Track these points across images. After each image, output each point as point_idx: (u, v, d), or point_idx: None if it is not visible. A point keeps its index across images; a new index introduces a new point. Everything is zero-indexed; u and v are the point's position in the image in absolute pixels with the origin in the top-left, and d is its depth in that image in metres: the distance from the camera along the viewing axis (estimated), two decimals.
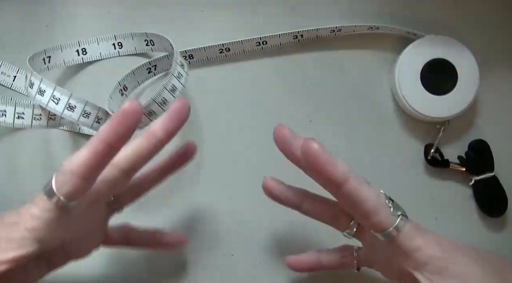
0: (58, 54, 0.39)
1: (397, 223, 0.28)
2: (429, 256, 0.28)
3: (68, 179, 0.27)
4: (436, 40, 0.39)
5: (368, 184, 0.29)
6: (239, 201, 0.40)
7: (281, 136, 0.31)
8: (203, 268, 0.40)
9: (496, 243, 0.40)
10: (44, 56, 0.38)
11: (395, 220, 0.28)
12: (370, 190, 0.28)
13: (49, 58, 0.38)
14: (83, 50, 0.39)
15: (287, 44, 0.40)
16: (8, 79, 0.40)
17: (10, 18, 0.40)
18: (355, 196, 0.28)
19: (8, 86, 0.40)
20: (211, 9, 0.41)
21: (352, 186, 0.28)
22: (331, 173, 0.28)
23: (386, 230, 0.28)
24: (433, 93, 0.39)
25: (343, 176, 0.28)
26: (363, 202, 0.28)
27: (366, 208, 0.28)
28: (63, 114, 0.34)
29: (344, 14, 0.41)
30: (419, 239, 0.29)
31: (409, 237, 0.29)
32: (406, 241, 0.29)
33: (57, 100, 0.33)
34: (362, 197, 0.28)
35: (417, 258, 0.29)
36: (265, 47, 0.40)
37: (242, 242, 0.40)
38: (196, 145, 0.35)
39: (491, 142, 0.40)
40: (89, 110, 0.34)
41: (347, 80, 0.41)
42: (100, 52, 0.40)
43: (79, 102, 0.34)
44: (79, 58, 0.39)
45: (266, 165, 0.41)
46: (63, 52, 0.39)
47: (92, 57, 0.40)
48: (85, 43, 0.39)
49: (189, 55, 0.40)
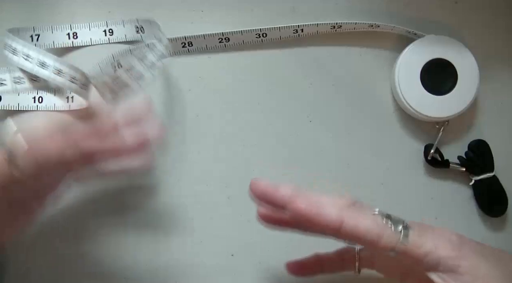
0: (48, 35, 0.39)
1: (401, 239, 0.28)
2: (440, 257, 0.29)
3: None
4: (436, 40, 0.39)
5: (362, 213, 0.29)
6: (238, 201, 0.40)
7: (259, 191, 0.31)
8: (203, 268, 0.40)
9: (496, 243, 0.40)
10: (33, 33, 0.38)
11: (398, 236, 0.29)
12: (366, 220, 0.29)
13: (38, 37, 0.38)
14: (74, 34, 0.39)
15: (287, 38, 0.40)
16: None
17: (10, 18, 0.40)
18: (355, 233, 0.28)
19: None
20: (211, 9, 0.41)
21: (349, 226, 0.28)
22: (325, 223, 0.28)
23: (394, 249, 0.29)
24: (433, 93, 0.39)
25: (337, 220, 0.28)
26: (364, 235, 0.28)
27: (369, 239, 0.29)
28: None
29: (345, 14, 0.41)
30: (428, 243, 0.29)
31: (416, 245, 0.29)
32: (415, 249, 0.29)
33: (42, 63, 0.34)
34: (362, 231, 0.28)
35: (429, 261, 0.29)
36: (264, 39, 0.40)
37: (242, 242, 0.40)
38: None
39: (491, 142, 0.40)
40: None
41: (347, 80, 0.41)
42: (91, 38, 0.40)
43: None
44: (70, 41, 0.39)
45: (265, 164, 0.41)
46: (54, 34, 0.39)
47: (82, 42, 0.39)
48: (76, 28, 0.39)
49: (188, 42, 0.40)
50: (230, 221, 0.40)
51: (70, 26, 0.39)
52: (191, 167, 0.41)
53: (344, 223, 0.28)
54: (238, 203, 0.40)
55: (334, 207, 0.29)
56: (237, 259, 0.40)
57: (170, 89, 0.41)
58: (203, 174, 0.41)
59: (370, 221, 0.29)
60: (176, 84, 0.41)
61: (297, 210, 0.29)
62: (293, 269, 0.36)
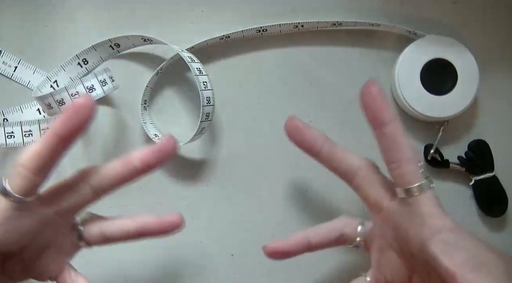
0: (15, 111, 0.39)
1: (423, 183, 0.29)
2: (443, 225, 0.29)
3: (20, 173, 0.27)
4: (436, 40, 0.39)
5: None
6: (239, 201, 0.40)
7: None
8: (203, 268, 0.40)
9: (496, 243, 0.40)
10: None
11: (422, 178, 0.29)
12: (409, 140, 0.30)
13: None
14: (55, 82, 0.39)
15: (287, 31, 0.40)
16: (9, 69, 0.40)
17: (10, 18, 0.40)
18: (396, 138, 0.29)
19: (9, 77, 0.40)
20: (211, 9, 0.41)
21: (396, 128, 0.29)
22: (383, 111, 0.29)
23: (411, 184, 0.29)
24: (433, 93, 0.39)
25: (392, 117, 0.29)
26: (401, 146, 0.29)
27: (401, 153, 0.29)
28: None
29: (345, 14, 0.41)
30: (437, 209, 0.29)
31: (429, 202, 0.29)
32: (425, 205, 0.29)
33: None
34: (403, 142, 0.29)
35: (432, 224, 0.29)
36: (265, 33, 0.40)
37: (242, 242, 0.40)
38: (183, 220, 0.31)
39: (491, 142, 0.40)
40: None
41: (347, 80, 0.41)
42: (70, 77, 0.40)
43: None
44: (48, 86, 0.40)
45: (265, 164, 0.41)
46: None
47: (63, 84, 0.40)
48: (54, 75, 0.39)
49: (192, 46, 0.40)
50: (230, 221, 0.40)
51: (47, 77, 0.40)
52: (191, 166, 0.41)
53: (394, 124, 0.29)
54: (238, 203, 0.40)
55: (395, 114, 0.30)
56: (237, 259, 0.40)
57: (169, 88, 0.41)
58: (201, 175, 0.41)
59: (411, 146, 0.30)
60: (176, 84, 0.41)
61: (371, 93, 0.30)
62: (271, 252, 0.34)
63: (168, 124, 0.41)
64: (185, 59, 0.37)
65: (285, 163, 0.41)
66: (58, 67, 0.39)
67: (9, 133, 0.35)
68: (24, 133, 0.35)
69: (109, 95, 0.40)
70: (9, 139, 0.35)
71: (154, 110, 0.41)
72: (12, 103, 0.40)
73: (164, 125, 0.41)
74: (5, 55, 0.40)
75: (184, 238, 0.40)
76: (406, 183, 0.29)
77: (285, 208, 0.41)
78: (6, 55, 0.40)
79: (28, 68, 0.40)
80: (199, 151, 0.41)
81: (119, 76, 0.39)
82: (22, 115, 0.39)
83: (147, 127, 0.39)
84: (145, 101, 0.40)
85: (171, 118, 0.41)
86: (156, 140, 0.39)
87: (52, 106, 0.35)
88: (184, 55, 0.37)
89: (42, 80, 0.39)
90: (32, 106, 0.40)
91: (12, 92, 0.40)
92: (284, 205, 0.41)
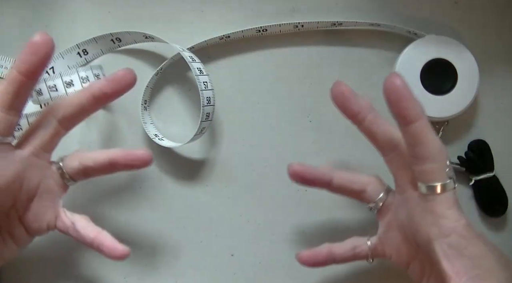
0: None
1: (447, 183, 0.29)
2: (454, 229, 0.29)
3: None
4: (436, 40, 0.39)
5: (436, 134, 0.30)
6: (238, 201, 0.40)
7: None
8: (203, 268, 0.40)
9: (496, 243, 0.40)
10: None
11: (446, 178, 0.29)
12: (437, 138, 0.29)
13: None
14: (52, 69, 0.39)
15: (287, 31, 0.40)
16: (4, 71, 0.40)
17: (10, 18, 0.40)
18: (423, 136, 0.29)
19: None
20: (211, 9, 0.41)
21: (423, 125, 0.29)
22: (408, 108, 0.29)
23: (433, 182, 0.29)
24: (433, 93, 0.39)
25: (418, 115, 0.29)
26: (428, 144, 0.29)
27: (427, 150, 0.29)
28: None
29: (345, 14, 0.41)
30: (453, 210, 0.29)
31: (446, 203, 0.29)
32: (442, 205, 0.29)
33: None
34: (429, 139, 0.29)
35: (443, 225, 0.29)
36: (265, 33, 0.40)
37: (242, 242, 0.40)
38: (150, 156, 0.33)
39: (491, 142, 0.40)
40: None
41: (347, 80, 0.41)
42: (68, 65, 0.40)
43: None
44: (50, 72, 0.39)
45: (264, 164, 0.41)
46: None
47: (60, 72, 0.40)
48: (52, 62, 0.39)
49: (191, 46, 0.40)
50: (230, 221, 0.40)
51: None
52: (191, 166, 0.41)
53: (421, 121, 0.29)
54: (238, 203, 0.40)
55: (423, 109, 0.29)
56: (237, 259, 0.40)
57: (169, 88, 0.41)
58: (202, 174, 0.41)
59: (439, 143, 0.29)
60: (176, 84, 0.41)
61: (395, 86, 0.29)
62: (305, 260, 0.36)
63: (168, 124, 0.41)
64: (186, 58, 0.37)
65: (285, 163, 0.41)
66: (57, 54, 0.39)
67: (52, 87, 0.36)
68: (66, 85, 0.36)
69: None
70: (53, 92, 0.36)
71: (154, 110, 0.41)
72: None
73: (164, 125, 0.41)
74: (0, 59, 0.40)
75: (184, 238, 0.40)
76: (427, 180, 0.29)
77: (285, 208, 0.41)
78: (1, 58, 0.40)
79: None
80: (199, 151, 0.41)
81: None
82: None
83: (147, 127, 0.39)
84: (145, 101, 0.40)
85: (171, 118, 0.41)
86: (157, 140, 0.39)
87: (43, 92, 0.36)
88: (185, 54, 0.37)
89: None
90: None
91: None
92: (284, 205, 0.41)
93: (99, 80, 0.34)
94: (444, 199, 0.29)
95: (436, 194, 0.29)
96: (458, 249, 0.28)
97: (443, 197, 0.29)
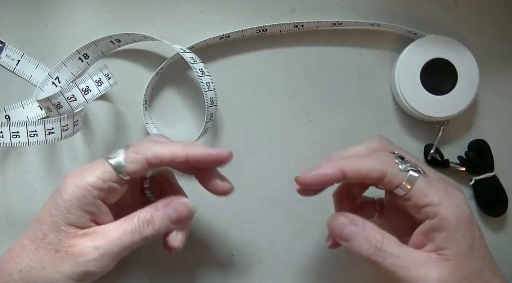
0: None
1: (407, 178, 0.30)
2: (440, 215, 0.29)
3: (141, 162, 0.31)
4: (436, 40, 0.39)
5: (362, 157, 0.31)
6: (239, 201, 0.40)
7: (304, 186, 0.33)
8: (203, 268, 0.40)
9: (496, 243, 0.40)
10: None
11: (404, 175, 0.30)
12: (367, 160, 0.30)
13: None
14: (57, 78, 0.40)
15: (287, 31, 0.40)
16: (11, 62, 0.40)
17: (10, 18, 0.40)
18: (358, 174, 0.30)
19: (11, 70, 0.40)
20: (211, 9, 0.41)
21: (350, 170, 0.30)
22: (328, 179, 0.31)
23: (399, 185, 0.30)
24: (433, 93, 0.39)
25: (339, 172, 0.30)
26: (368, 173, 0.30)
27: (373, 176, 0.30)
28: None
29: (345, 14, 0.41)
30: (434, 196, 0.29)
31: (422, 192, 0.30)
32: (419, 196, 0.30)
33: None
34: (364, 171, 0.30)
35: (427, 212, 0.30)
36: (265, 33, 0.40)
37: (242, 242, 0.40)
38: (231, 154, 0.33)
39: (491, 142, 0.40)
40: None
41: (347, 80, 0.41)
42: (71, 72, 0.40)
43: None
44: (50, 83, 0.40)
45: (265, 164, 0.41)
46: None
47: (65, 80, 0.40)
48: (56, 71, 0.40)
49: (191, 46, 0.40)
50: (230, 221, 0.40)
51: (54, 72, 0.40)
52: None
53: (346, 171, 0.30)
54: (238, 203, 0.40)
55: (336, 163, 0.31)
56: (237, 259, 0.40)
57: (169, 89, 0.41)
58: None
59: (372, 160, 0.30)
60: (177, 84, 0.41)
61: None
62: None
63: (169, 124, 0.41)
64: (188, 60, 0.37)
65: (285, 163, 0.41)
66: (59, 63, 0.39)
67: (14, 133, 0.35)
68: (30, 133, 0.35)
69: (109, 96, 0.40)
70: (14, 138, 0.35)
71: (154, 110, 0.41)
72: (13, 100, 0.40)
73: (164, 124, 0.41)
74: (9, 49, 0.40)
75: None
76: (394, 187, 0.30)
77: (285, 208, 0.41)
78: (9, 49, 0.40)
79: (31, 62, 0.40)
80: None
81: (120, 76, 0.39)
82: (23, 111, 0.40)
83: (149, 127, 0.39)
84: (146, 102, 0.40)
85: (171, 118, 0.41)
86: None
87: (51, 109, 0.35)
88: (186, 55, 0.37)
89: (43, 78, 0.40)
90: (33, 102, 0.40)
91: (13, 88, 0.40)
92: (284, 205, 0.41)
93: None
94: (417, 190, 0.30)
95: (409, 189, 0.30)
96: (444, 231, 0.29)
97: (415, 191, 0.30)
